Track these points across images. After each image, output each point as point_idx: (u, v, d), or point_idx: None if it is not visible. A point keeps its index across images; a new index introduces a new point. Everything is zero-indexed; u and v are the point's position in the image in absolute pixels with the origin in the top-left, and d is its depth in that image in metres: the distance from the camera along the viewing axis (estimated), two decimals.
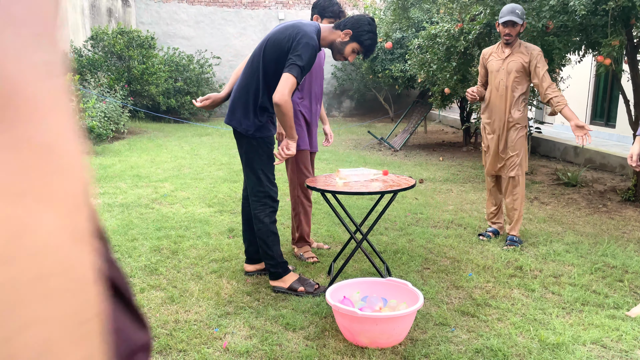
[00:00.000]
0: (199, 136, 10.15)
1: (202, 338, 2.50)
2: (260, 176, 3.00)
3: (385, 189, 2.97)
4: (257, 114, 2.95)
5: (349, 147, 9.43)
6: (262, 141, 2.98)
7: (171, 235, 4.01)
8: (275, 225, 3.07)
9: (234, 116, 3.00)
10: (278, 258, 3.06)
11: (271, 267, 3.06)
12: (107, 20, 12.37)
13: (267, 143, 3.00)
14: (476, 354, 2.40)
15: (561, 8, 4.74)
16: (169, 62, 12.51)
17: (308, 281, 3.08)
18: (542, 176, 6.81)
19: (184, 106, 12.55)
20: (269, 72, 2.91)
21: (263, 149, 2.99)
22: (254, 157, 2.99)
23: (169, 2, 14.11)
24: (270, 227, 3.05)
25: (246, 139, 2.98)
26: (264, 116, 2.98)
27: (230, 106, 3.05)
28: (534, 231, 4.34)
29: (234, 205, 4.93)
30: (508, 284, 3.22)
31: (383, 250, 3.81)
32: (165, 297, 2.93)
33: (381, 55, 10.73)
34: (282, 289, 3.05)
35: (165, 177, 6.15)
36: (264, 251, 3.06)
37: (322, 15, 3.52)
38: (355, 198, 5.33)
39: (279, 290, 3.05)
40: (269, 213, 3.04)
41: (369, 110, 15.23)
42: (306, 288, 3.03)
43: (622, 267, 3.55)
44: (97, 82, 9.91)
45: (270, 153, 3.03)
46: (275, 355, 2.36)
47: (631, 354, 2.44)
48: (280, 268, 3.06)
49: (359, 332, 2.42)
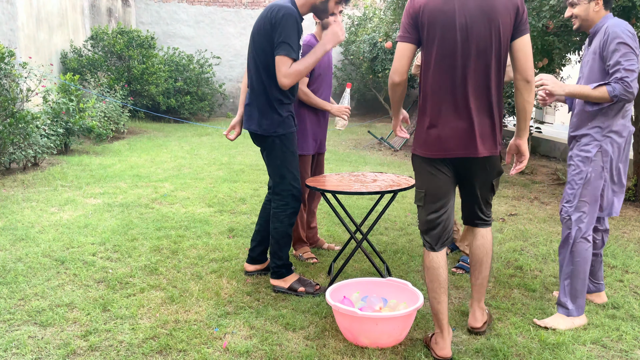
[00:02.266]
0: (199, 136, 10.15)
1: (202, 338, 2.50)
2: (285, 174, 2.97)
3: (385, 188, 2.97)
4: (276, 109, 2.90)
5: (349, 147, 9.43)
6: (285, 137, 2.94)
7: (171, 235, 4.01)
8: (292, 228, 3.06)
9: (252, 120, 2.96)
10: (285, 260, 3.07)
11: (276, 267, 3.06)
12: (107, 20, 12.37)
13: (289, 139, 2.96)
14: (476, 354, 2.40)
15: (561, 8, 4.74)
16: (169, 62, 12.50)
17: (308, 282, 3.08)
18: (542, 176, 6.81)
19: (184, 106, 12.55)
20: (267, 63, 2.85)
21: (286, 145, 2.95)
22: (277, 155, 2.95)
23: (169, 2, 14.11)
24: (288, 229, 3.04)
25: (269, 138, 2.94)
26: (283, 110, 2.91)
27: (245, 112, 3.01)
28: (534, 231, 4.34)
29: (234, 205, 4.93)
30: (508, 284, 3.22)
31: (383, 250, 3.81)
32: (165, 297, 2.93)
33: (381, 55, 10.73)
34: (282, 288, 3.05)
35: (165, 177, 6.14)
36: (274, 250, 3.06)
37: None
38: (355, 198, 5.33)
39: (279, 290, 3.05)
40: (290, 214, 3.01)
41: (369, 110, 15.24)
42: (306, 288, 3.03)
43: (622, 267, 3.55)
44: (97, 82, 9.91)
45: (293, 149, 2.99)
46: (275, 355, 2.36)
47: (631, 354, 2.44)
48: (285, 268, 3.06)
49: (359, 332, 2.42)
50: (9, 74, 6.07)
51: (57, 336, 2.49)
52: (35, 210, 4.61)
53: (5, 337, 2.46)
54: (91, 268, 3.33)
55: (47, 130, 6.79)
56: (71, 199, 5.00)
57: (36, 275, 3.19)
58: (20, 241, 3.79)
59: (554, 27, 4.92)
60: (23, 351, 2.35)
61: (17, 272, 3.22)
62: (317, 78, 3.50)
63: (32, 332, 2.51)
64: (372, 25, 11.86)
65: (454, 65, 2.25)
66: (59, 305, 2.81)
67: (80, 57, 10.62)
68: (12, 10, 8.18)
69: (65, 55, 10.31)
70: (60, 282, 3.10)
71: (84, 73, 10.36)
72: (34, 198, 5.01)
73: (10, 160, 6.14)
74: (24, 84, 6.66)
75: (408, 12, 2.28)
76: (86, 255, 3.55)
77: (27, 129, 6.01)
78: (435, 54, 2.26)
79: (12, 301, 2.84)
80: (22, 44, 8.51)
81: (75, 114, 7.37)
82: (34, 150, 6.25)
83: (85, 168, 6.53)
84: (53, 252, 3.58)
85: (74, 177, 5.98)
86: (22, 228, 4.07)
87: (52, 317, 2.65)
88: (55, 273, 3.24)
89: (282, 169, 2.97)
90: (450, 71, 2.26)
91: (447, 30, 2.22)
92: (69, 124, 7.30)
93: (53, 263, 3.39)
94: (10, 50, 6.12)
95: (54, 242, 3.78)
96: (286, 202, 3.00)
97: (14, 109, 5.98)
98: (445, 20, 2.22)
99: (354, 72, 14.18)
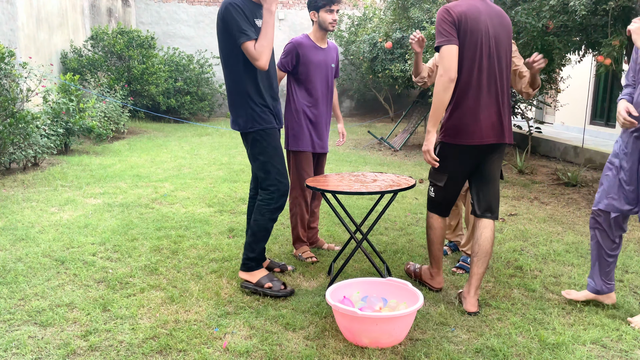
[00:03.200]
0: (199, 136, 10.15)
1: (202, 338, 2.50)
2: (270, 169, 2.96)
3: (385, 188, 2.97)
4: (248, 105, 2.90)
5: (349, 147, 9.43)
6: (264, 133, 2.93)
7: (171, 235, 4.01)
8: (272, 224, 3.03)
9: (233, 119, 3.01)
10: (258, 254, 3.04)
11: (246, 259, 3.03)
12: (107, 20, 12.37)
13: (270, 135, 2.96)
14: (476, 354, 2.40)
15: (561, 8, 4.74)
16: (169, 62, 12.51)
17: (277, 280, 3.03)
18: (542, 176, 6.81)
19: (184, 106, 12.55)
20: (228, 59, 2.89)
21: (267, 140, 2.94)
22: (260, 151, 2.96)
23: (169, 2, 14.11)
24: (268, 223, 3.00)
25: (249, 135, 2.95)
26: (255, 105, 2.91)
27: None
28: (534, 231, 4.34)
29: (233, 205, 4.93)
30: (508, 284, 3.22)
31: (383, 250, 3.81)
32: (165, 297, 2.93)
33: (381, 55, 10.72)
34: (249, 284, 3.01)
35: (165, 177, 6.15)
36: (249, 242, 3.02)
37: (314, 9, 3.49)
38: (355, 198, 5.33)
39: (247, 286, 3.01)
40: (273, 209, 2.99)
41: (369, 110, 15.24)
42: (273, 284, 2.98)
43: (622, 267, 3.55)
44: (97, 82, 9.91)
45: (275, 144, 2.98)
46: (275, 355, 2.36)
47: (631, 354, 2.44)
48: (255, 262, 3.04)
49: (359, 332, 2.42)
50: (9, 74, 6.07)
51: (57, 336, 2.49)
52: (35, 210, 4.61)
53: (5, 337, 2.46)
54: (91, 268, 3.33)
55: (47, 130, 6.80)
56: (71, 199, 5.00)
57: (36, 275, 3.19)
58: (20, 241, 3.80)
59: (554, 27, 4.92)
60: (23, 351, 2.35)
61: (17, 272, 3.22)
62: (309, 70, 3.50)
63: (32, 332, 2.52)
64: (372, 25, 11.86)
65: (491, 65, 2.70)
66: (59, 305, 2.81)
67: (80, 57, 10.62)
68: (12, 10, 8.18)
69: (65, 55, 10.31)
70: (60, 282, 3.10)
71: (84, 73, 10.37)
72: (34, 198, 5.01)
73: (10, 160, 6.15)
74: (24, 84, 6.66)
75: (447, 19, 2.63)
76: (86, 255, 3.55)
77: (27, 129, 6.01)
78: (478, 55, 2.67)
79: (12, 301, 2.85)
80: (22, 44, 8.51)
81: (75, 114, 7.37)
82: (34, 150, 6.25)
83: (85, 168, 6.53)
84: (53, 252, 3.58)
85: (74, 177, 5.98)
86: (22, 228, 4.07)
87: (52, 317, 2.65)
88: (55, 273, 3.24)
89: (267, 165, 2.96)
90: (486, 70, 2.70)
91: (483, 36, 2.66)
92: (69, 124, 7.30)
93: (53, 263, 3.39)
94: (10, 50, 6.12)
95: (54, 242, 3.78)
96: (272, 196, 2.97)
97: (14, 109, 5.98)
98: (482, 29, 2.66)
99: (354, 72, 14.18)
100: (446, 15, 2.62)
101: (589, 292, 2.92)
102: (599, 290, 2.88)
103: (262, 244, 3.04)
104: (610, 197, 2.76)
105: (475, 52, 2.65)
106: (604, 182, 2.81)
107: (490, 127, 2.71)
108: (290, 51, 3.49)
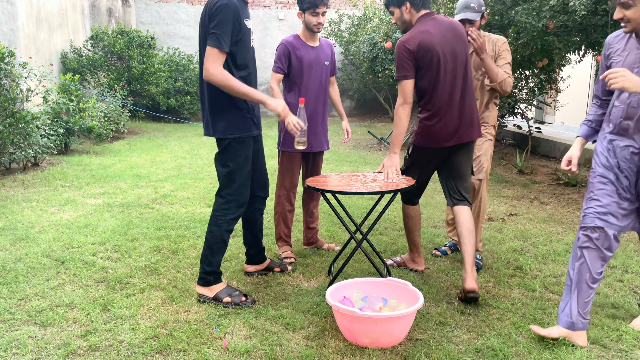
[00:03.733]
0: (199, 136, 10.15)
1: (202, 338, 2.50)
2: (236, 179, 2.84)
3: (385, 188, 2.97)
4: (232, 109, 2.77)
5: (349, 147, 9.43)
6: (242, 140, 2.82)
7: (171, 235, 4.01)
8: (229, 235, 2.91)
9: (210, 124, 2.83)
10: (215, 267, 2.91)
11: (204, 272, 2.89)
12: (107, 20, 12.37)
13: (246, 143, 2.84)
14: (476, 354, 2.40)
15: (561, 8, 4.75)
16: (169, 62, 12.51)
17: (236, 292, 2.90)
18: (542, 176, 6.81)
19: (184, 106, 12.55)
20: None
21: (242, 149, 2.83)
22: (230, 158, 2.82)
23: (169, 2, 14.11)
24: (224, 235, 2.88)
25: (223, 141, 2.81)
26: (240, 109, 2.79)
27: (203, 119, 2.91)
28: (534, 231, 4.34)
29: None
30: (508, 284, 3.22)
31: (383, 250, 3.81)
32: (165, 297, 2.93)
33: (381, 55, 10.72)
34: (207, 298, 2.89)
35: (165, 177, 6.15)
36: (205, 254, 2.89)
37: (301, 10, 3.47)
38: (355, 198, 5.34)
39: (205, 299, 2.90)
40: (230, 220, 2.86)
41: (369, 110, 15.24)
42: (233, 299, 2.86)
43: (622, 267, 3.55)
44: (97, 82, 9.91)
45: (247, 154, 2.86)
46: (275, 355, 2.36)
47: (631, 354, 2.44)
48: (212, 276, 2.91)
49: (359, 332, 2.42)
50: (9, 74, 6.07)
51: (57, 336, 2.49)
52: (35, 210, 4.62)
53: (5, 337, 2.46)
54: (91, 268, 3.33)
55: (47, 130, 6.80)
56: (71, 199, 5.00)
57: (36, 275, 3.19)
58: (20, 241, 3.80)
59: (554, 27, 4.92)
60: (23, 351, 2.35)
61: (17, 272, 3.22)
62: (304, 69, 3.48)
63: (32, 332, 2.52)
64: (372, 25, 11.86)
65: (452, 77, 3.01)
66: (59, 305, 2.81)
67: (80, 57, 10.62)
68: (12, 10, 8.18)
69: (65, 55, 10.31)
70: (60, 282, 3.10)
71: (84, 73, 10.37)
72: (34, 198, 5.02)
73: (10, 160, 6.15)
74: (24, 84, 6.66)
75: (404, 55, 2.92)
76: (86, 255, 3.55)
77: (27, 129, 6.01)
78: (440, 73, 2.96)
79: (12, 301, 2.85)
80: (22, 44, 8.51)
81: (75, 114, 7.37)
82: (34, 150, 6.25)
83: (85, 168, 6.53)
84: (53, 252, 3.58)
85: (74, 177, 5.99)
86: (22, 228, 4.07)
87: (52, 317, 2.66)
88: (55, 273, 3.24)
89: (233, 174, 2.83)
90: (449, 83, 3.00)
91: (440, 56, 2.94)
92: (69, 124, 7.30)
93: (53, 263, 3.39)
94: (10, 50, 6.12)
95: (54, 242, 3.78)
96: (229, 207, 2.85)
97: (14, 109, 5.98)
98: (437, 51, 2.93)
99: (354, 72, 14.18)
100: (404, 52, 2.94)
101: (562, 328, 2.50)
102: (574, 324, 2.48)
103: (219, 257, 2.91)
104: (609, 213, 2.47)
105: (438, 71, 2.96)
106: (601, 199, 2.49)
107: (454, 132, 3.03)
108: (282, 52, 3.48)
